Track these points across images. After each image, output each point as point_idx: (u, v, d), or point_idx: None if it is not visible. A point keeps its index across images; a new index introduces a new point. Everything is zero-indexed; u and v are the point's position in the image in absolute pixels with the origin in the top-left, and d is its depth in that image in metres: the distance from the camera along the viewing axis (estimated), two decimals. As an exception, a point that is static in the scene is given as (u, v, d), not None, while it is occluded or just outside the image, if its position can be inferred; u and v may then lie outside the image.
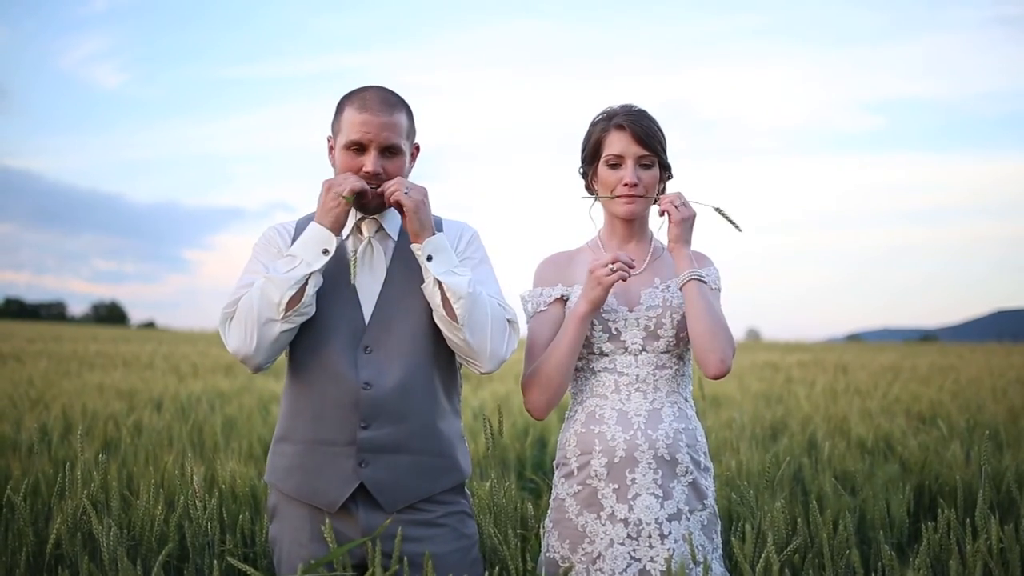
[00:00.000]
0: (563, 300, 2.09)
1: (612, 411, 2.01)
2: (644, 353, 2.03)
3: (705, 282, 1.99)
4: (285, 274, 1.88)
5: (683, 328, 2.03)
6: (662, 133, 2.06)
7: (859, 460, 3.74)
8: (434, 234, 1.93)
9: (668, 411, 2.02)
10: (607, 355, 2.04)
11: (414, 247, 1.93)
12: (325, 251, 1.90)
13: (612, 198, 2.06)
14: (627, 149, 2.03)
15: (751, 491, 2.72)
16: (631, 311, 2.04)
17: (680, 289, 2.01)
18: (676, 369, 2.06)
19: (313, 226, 1.93)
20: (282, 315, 1.87)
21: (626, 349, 2.03)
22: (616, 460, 1.98)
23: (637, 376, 2.02)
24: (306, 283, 1.89)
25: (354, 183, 1.91)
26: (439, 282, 1.90)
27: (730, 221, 2.02)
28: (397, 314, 1.97)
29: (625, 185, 2.02)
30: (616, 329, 2.03)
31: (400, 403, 1.94)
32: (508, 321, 1.99)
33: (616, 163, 2.04)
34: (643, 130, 2.02)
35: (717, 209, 2.03)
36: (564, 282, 2.11)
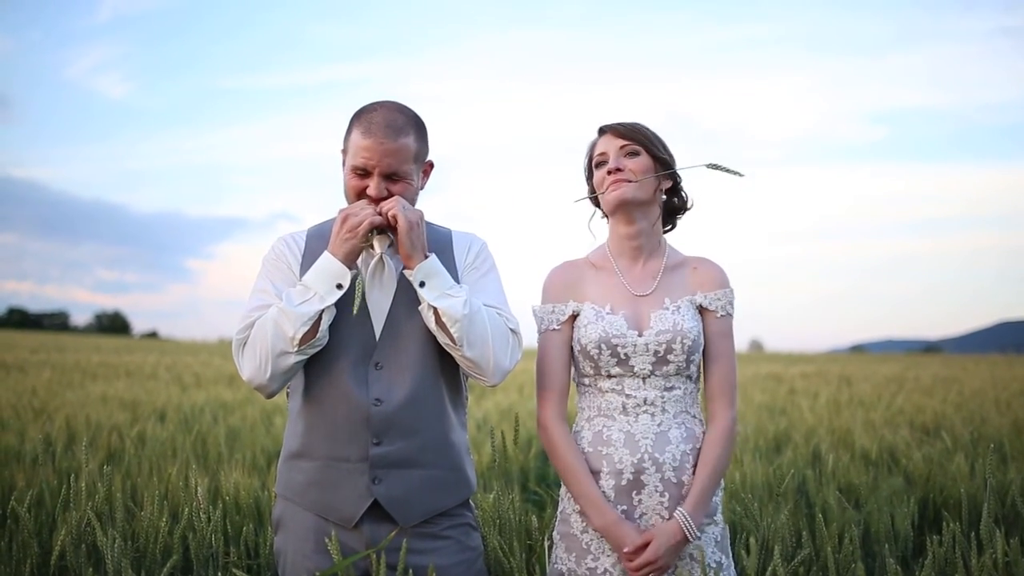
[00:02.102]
0: (574, 316, 2.07)
1: (619, 433, 1.99)
2: (653, 377, 2.00)
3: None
4: (298, 307, 1.85)
5: (693, 351, 2.00)
6: (654, 133, 2.05)
7: (863, 472, 3.74)
8: (427, 257, 1.90)
9: (675, 432, 1.99)
10: (614, 377, 2.01)
11: (407, 273, 1.91)
12: (339, 286, 1.88)
13: (602, 193, 2.04)
14: (609, 145, 2.04)
15: (755, 503, 2.72)
16: (640, 335, 1.99)
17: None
18: (684, 389, 2.02)
19: (327, 257, 1.89)
20: (296, 348, 1.86)
21: (634, 373, 2.00)
22: (623, 483, 1.97)
23: (645, 399, 1.99)
24: (320, 317, 1.87)
25: (372, 218, 1.87)
26: (433, 307, 1.88)
27: (728, 171, 1.95)
28: (406, 330, 1.96)
29: (609, 174, 2.01)
30: (625, 354, 1.99)
31: (410, 418, 1.93)
32: (511, 331, 1.97)
33: (602, 160, 2.05)
34: (624, 127, 2.03)
35: (710, 165, 1.97)
36: (575, 298, 2.07)
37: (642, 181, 2.00)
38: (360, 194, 1.94)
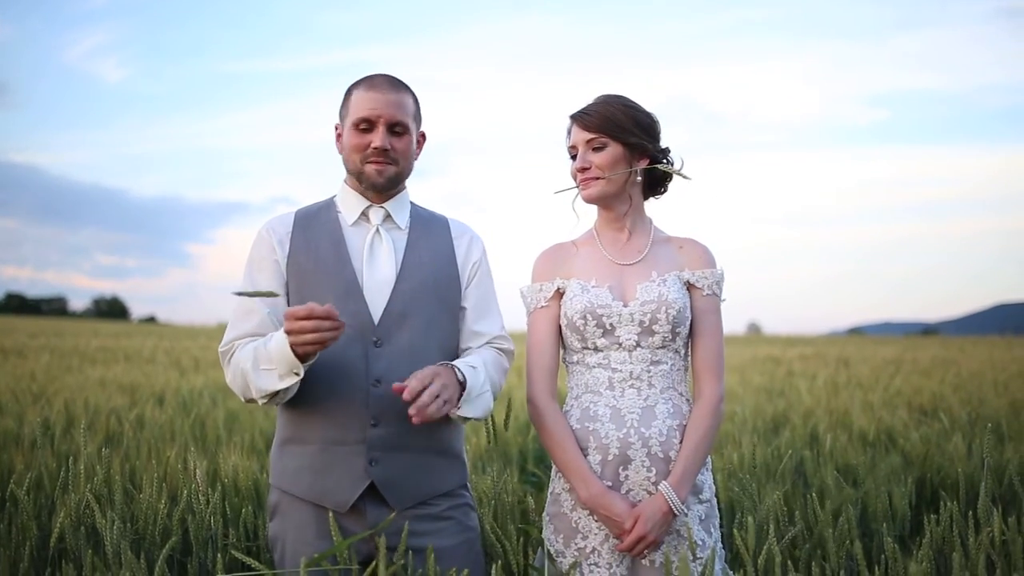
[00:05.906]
0: (560, 293, 2.07)
1: (606, 408, 1.99)
2: (639, 349, 2.00)
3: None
4: (259, 373, 1.83)
5: (679, 323, 2.00)
6: (625, 113, 2.01)
7: (861, 453, 3.74)
8: (462, 385, 1.88)
9: (662, 408, 1.99)
10: (601, 351, 2.02)
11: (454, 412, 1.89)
12: (295, 374, 1.81)
13: (573, 188, 2.08)
14: (577, 138, 2.04)
15: (753, 484, 2.72)
16: (625, 306, 2.00)
17: None
18: (671, 364, 2.02)
19: (286, 347, 1.76)
20: (264, 402, 1.87)
21: (620, 345, 2.00)
22: (610, 458, 1.97)
23: (631, 372, 1.99)
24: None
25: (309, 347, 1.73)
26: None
27: (681, 174, 2.06)
28: (411, 309, 1.94)
29: (579, 172, 2.04)
30: (610, 324, 2.00)
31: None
32: (506, 365, 2.07)
33: (574, 155, 2.06)
34: (588, 116, 2.01)
35: (666, 165, 2.05)
36: (561, 275, 2.09)
37: (610, 177, 2.01)
38: (364, 149, 1.95)
